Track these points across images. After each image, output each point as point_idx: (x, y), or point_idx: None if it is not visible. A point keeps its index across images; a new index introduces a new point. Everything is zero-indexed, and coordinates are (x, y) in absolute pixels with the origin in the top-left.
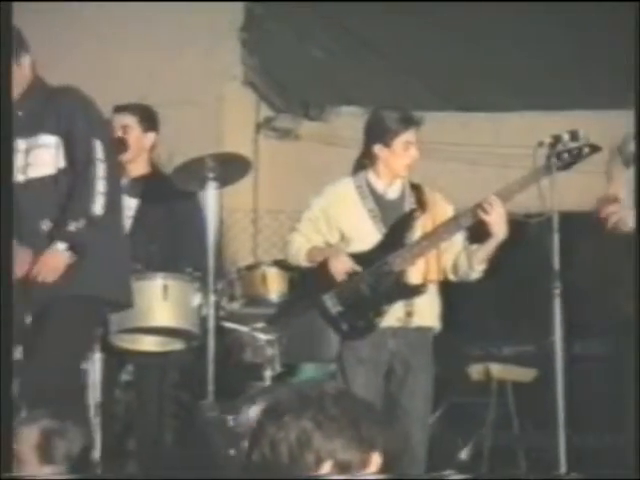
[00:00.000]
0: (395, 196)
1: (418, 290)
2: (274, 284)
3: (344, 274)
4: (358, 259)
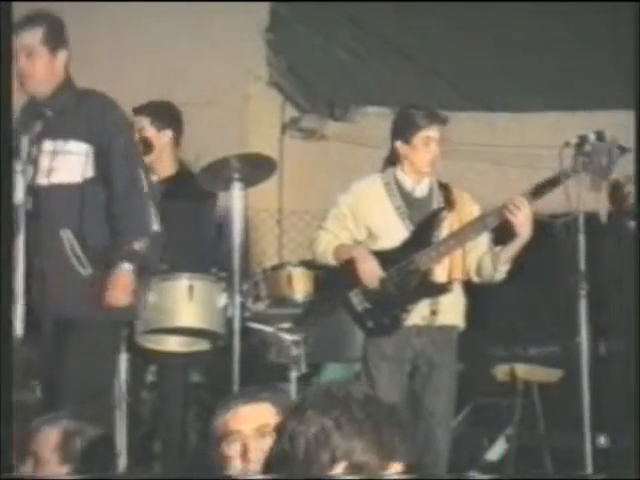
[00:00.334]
0: (423, 194)
1: (444, 289)
2: (300, 284)
3: (373, 280)
4: (384, 256)
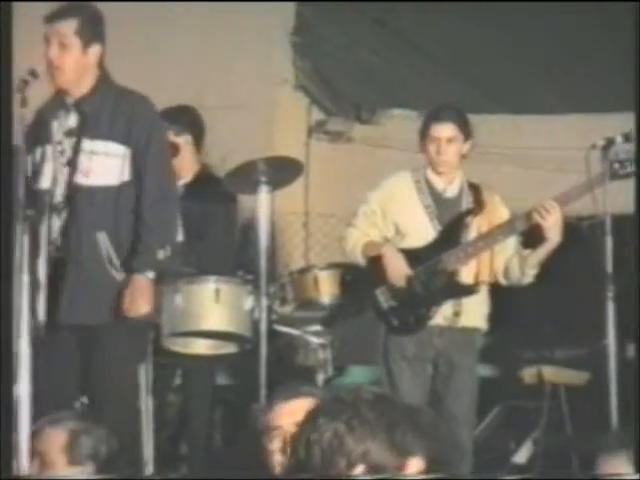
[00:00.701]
0: (453, 194)
1: (471, 290)
2: (326, 287)
3: (400, 278)
4: (412, 255)
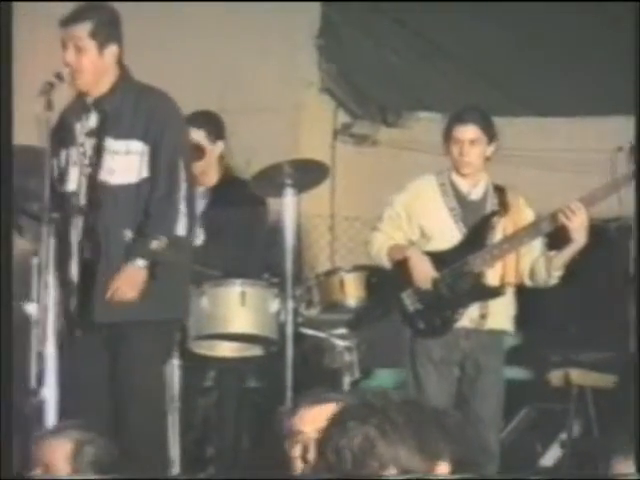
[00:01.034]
0: (478, 197)
1: (497, 292)
2: (352, 290)
3: (426, 281)
4: (437, 257)
